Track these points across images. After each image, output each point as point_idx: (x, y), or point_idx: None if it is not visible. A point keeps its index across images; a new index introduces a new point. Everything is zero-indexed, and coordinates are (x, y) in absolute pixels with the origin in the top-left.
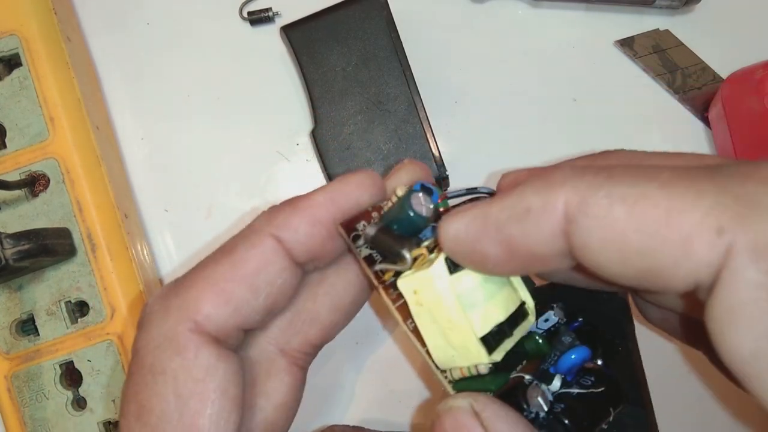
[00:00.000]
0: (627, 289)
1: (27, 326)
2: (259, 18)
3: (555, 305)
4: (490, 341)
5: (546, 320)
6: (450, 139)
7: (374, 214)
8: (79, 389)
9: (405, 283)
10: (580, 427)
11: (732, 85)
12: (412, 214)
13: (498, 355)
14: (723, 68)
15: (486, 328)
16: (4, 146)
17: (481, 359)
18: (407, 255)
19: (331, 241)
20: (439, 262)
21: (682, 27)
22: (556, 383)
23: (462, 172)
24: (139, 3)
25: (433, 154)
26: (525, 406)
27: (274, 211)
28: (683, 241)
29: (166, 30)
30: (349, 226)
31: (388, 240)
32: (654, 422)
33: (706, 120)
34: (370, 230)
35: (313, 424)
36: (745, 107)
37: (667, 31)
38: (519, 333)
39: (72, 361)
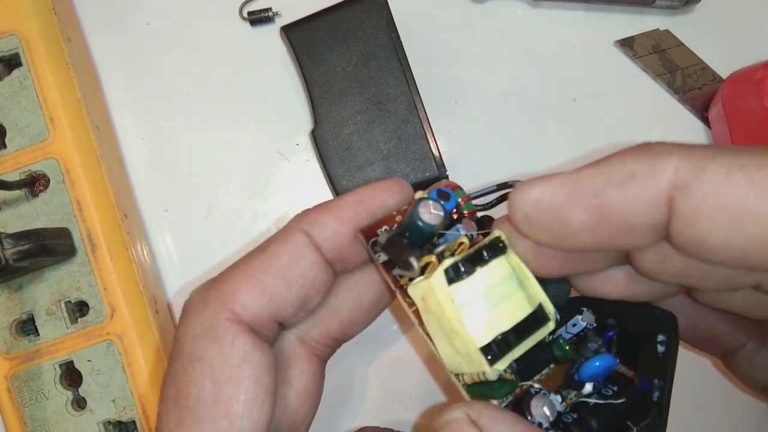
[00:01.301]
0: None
1: (27, 326)
2: (259, 18)
3: (584, 309)
4: (493, 350)
5: (574, 325)
6: (450, 139)
7: (398, 218)
8: (79, 389)
9: (414, 290)
10: None
11: (732, 85)
12: (420, 223)
13: (501, 365)
14: (723, 68)
15: (488, 338)
16: (4, 146)
17: (483, 368)
18: (414, 263)
19: (357, 242)
20: (439, 272)
21: (682, 27)
22: (588, 387)
23: (462, 172)
24: (139, 3)
25: (433, 154)
26: (528, 417)
27: (306, 211)
28: None
29: (166, 30)
30: (370, 232)
31: (396, 248)
32: None
33: (706, 120)
34: (382, 238)
35: (312, 424)
36: (745, 107)
37: (667, 31)
38: (533, 340)
39: (72, 361)
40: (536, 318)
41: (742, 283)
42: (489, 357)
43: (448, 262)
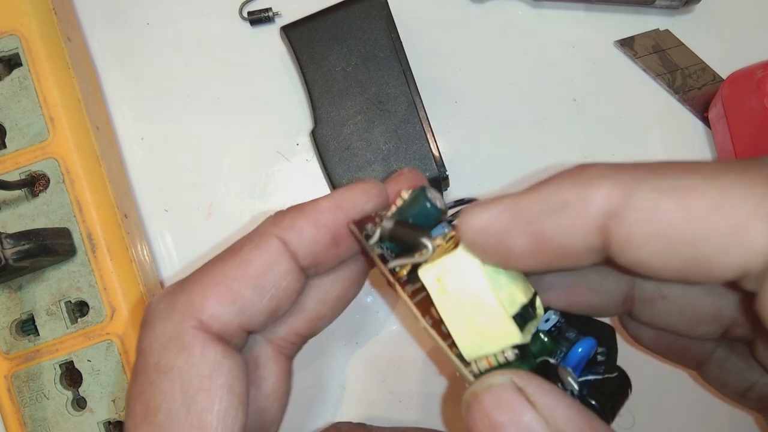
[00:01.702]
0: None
1: (27, 326)
2: (259, 18)
3: (551, 308)
4: (518, 321)
5: (547, 320)
6: (450, 139)
7: (377, 220)
8: (79, 389)
9: (427, 272)
10: (606, 408)
11: (732, 85)
12: (429, 205)
13: (527, 336)
14: (723, 68)
15: (513, 309)
16: (4, 146)
17: (513, 339)
18: (429, 243)
19: (334, 247)
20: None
21: (682, 27)
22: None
23: (462, 172)
24: (139, 3)
25: (433, 154)
26: (559, 385)
27: (281, 214)
28: (736, 228)
29: (166, 30)
30: (358, 226)
31: (407, 231)
32: None
33: (706, 120)
34: (387, 223)
35: (313, 423)
36: (745, 107)
37: (667, 31)
38: (537, 321)
39: (72, 361)
40: (534, 304)
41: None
42: (519, 325)
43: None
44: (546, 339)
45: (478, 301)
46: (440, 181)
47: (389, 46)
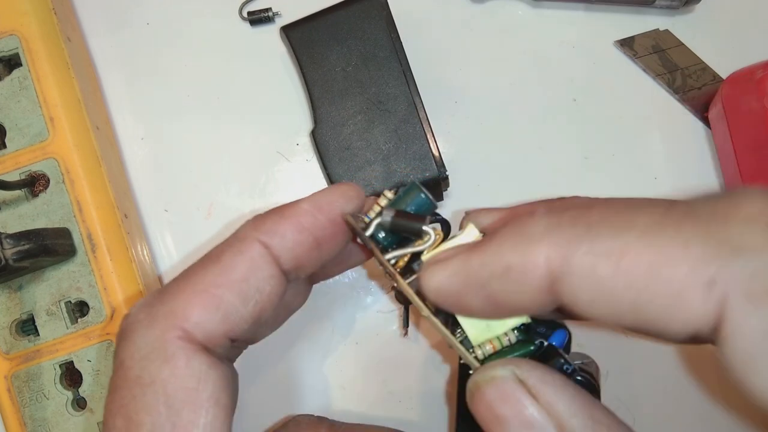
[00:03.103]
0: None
1: (27, 326)
2: (259, 18)
3: None
4: None
5: None
6: (450, 139)
7: (363, 218)
8: (79, 389)
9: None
10: (596, 385)
11: (732, 85)
12: (424, 195)
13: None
14: (723, 68)
15: None
16: (4, 146)
17: (520, 318)
18: (431, 230)
19: (316, 250)
20: (471, 227)
21: (682, 27)
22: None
23: (462, 172)
24: (139, 3)
25: (433, 154)
26: (562, 362)
27: (261, 218)
28: (675, 295)
29: (166, 30)
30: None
31: (409, 220)
32: None
33: (706, 120)
34: (387, 214)
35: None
36: (745, 107)
37: (667, 31)
38: None
39: (72, 361)
40: None
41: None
42: None
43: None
44: (521, 336)
45: None
46: (440, 181)
47: (389, 46)
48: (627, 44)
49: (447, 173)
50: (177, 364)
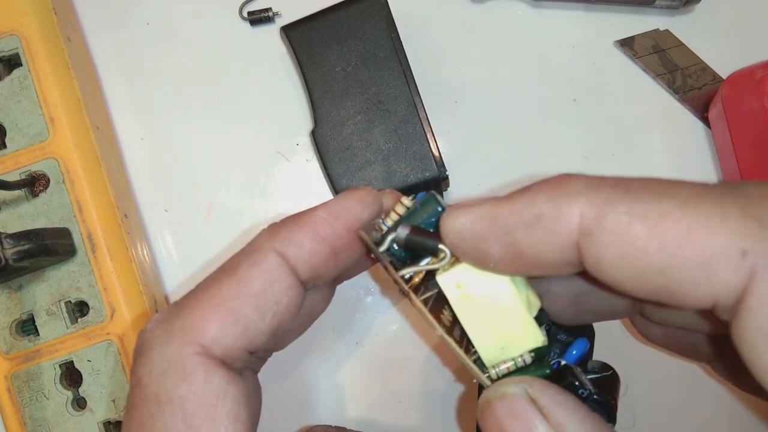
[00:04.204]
0: (636, 300)
1: (27, 326)
2: (259, 18)
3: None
4: (539, 323)
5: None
6: (450, 139)
7: (377, 227)
8: (79, 389)
9: (446, 278)
10: (611, 405)
11: (732, 85)
12: (440, 209)
13: (545, 338)
14: (723, 68)
15: (533, 312)
16: (4, 146)
17: (536, 341)
18: (447, 249)
19: (333, 259)
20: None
21: (682, 27)
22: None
23: (462, 172)
24: (139, 3)
25: (433, 154)
26: (577, 385)
27: (276, 227)
28: (706, 262)
29: (166, 30)
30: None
31: (424, 237)
32: None
33: (706, 120)
34: (402, 231)
35: (313, 424)
36: (745, 107)
37: (667, 31)
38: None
39: (72, 361)
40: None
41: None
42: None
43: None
44: (553, 360)
45: (501, 305)
46: (440, 181)
47: (389, 46)
48: (627, 44)
49: (447, 173)
50: (195, 380)
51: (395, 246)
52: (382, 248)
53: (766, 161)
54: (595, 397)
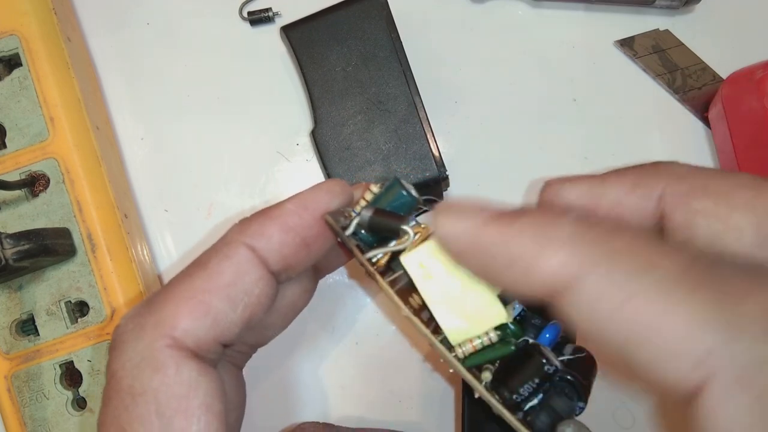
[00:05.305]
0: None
1: (27, 326)
2: (259, 18)
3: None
4: (504, 302)
5: (513, 309)
6: (450, 139)
7: (347, 215)
8: (79, 389)
9: (410, 258)
10: (583, 385)
11: (732, 85)
12: (405, 193)
13: (510, 315)
14: (723, 68)
15: (496, 290)
16: (4, 146)
17: (500, 318)
18: (410, 229)
19: (304, 249)
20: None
21: (682, 27)
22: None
23: (462, 172)
24: (139, 3)
25: (433, 154)
26: (544, 361)
27: (246, 221)
28: (668, 352)
29: (166, 30)
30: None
31: (387, 218)
32: None
33: (706, 120)
34: (366, 212)
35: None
36: (745, 107)
37: (667, 31)
38: (511, 306)
39: (72, 361)
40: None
41: None
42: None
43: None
44: (514, 327)
45: (464, 283)
46: (440, 181)
47: (389, 46)
48: (627, 44)
49: (447, 173)
50: (167, 372)
51: (361, 230)
52: (348, 232)
53: (766, 161)
54: (562, 375)
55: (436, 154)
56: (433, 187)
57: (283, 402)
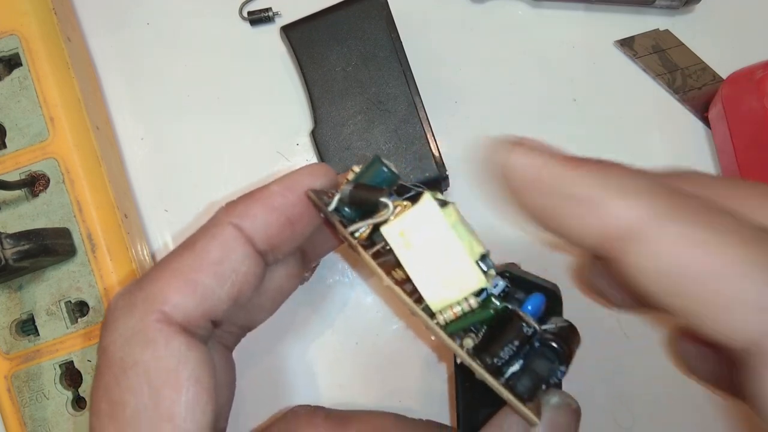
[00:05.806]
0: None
1: (27, 326)
2: (259, 18)
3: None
4: (481, 266)
5: (495, 286)
6: (450, 139)
7: (330, 194)
8: (79, 389)
9: (390, 228)
10: (564, 351)
11: (732, 85)
12: (386, 169)
13: (490, 279)
14: (723, 68)
15: (475, 257)
16: (4, 146)
17: (478, 283)
18: (389, 201)
19: (289, 228)
20: (427, 197)
21: (682, 27)
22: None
23: (462, 172)
24: (139, 3)
25: (433, 154)
26: (523, 324)
27: (233, 203)
28: (728, 305)
29: (166, 30)
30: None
31: (367, 192)
32: None
33: (706, 120)
34: (346, 188)
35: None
36: (745, 107)
37: (667, 31)
38: (491, 276)
39: (72, 361)
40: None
41: None
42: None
43: (427, 194)
44: (497, 302)
45: (442, 249)
46: (440, 181)
47: (389, 46)
48: (627, 44)
49: (447, 173)
50: (157, 346)
51: (344, 206)
52: (331, 207)
53: (766, 161)
54: (542, 339)
55: (436, 154)
56: (433, 187)
57: (283, 402)
